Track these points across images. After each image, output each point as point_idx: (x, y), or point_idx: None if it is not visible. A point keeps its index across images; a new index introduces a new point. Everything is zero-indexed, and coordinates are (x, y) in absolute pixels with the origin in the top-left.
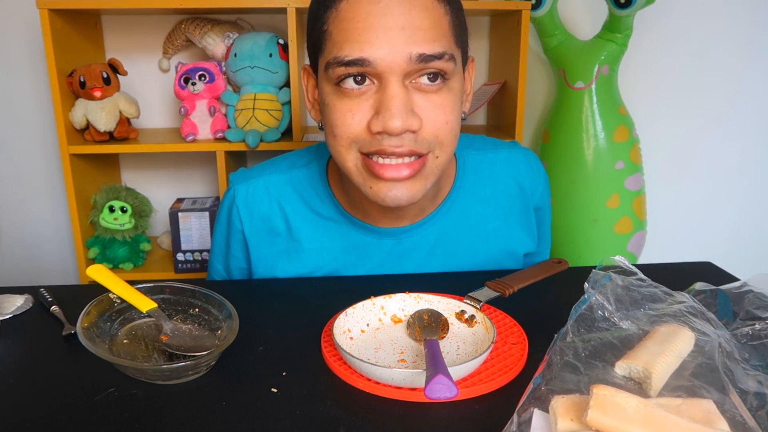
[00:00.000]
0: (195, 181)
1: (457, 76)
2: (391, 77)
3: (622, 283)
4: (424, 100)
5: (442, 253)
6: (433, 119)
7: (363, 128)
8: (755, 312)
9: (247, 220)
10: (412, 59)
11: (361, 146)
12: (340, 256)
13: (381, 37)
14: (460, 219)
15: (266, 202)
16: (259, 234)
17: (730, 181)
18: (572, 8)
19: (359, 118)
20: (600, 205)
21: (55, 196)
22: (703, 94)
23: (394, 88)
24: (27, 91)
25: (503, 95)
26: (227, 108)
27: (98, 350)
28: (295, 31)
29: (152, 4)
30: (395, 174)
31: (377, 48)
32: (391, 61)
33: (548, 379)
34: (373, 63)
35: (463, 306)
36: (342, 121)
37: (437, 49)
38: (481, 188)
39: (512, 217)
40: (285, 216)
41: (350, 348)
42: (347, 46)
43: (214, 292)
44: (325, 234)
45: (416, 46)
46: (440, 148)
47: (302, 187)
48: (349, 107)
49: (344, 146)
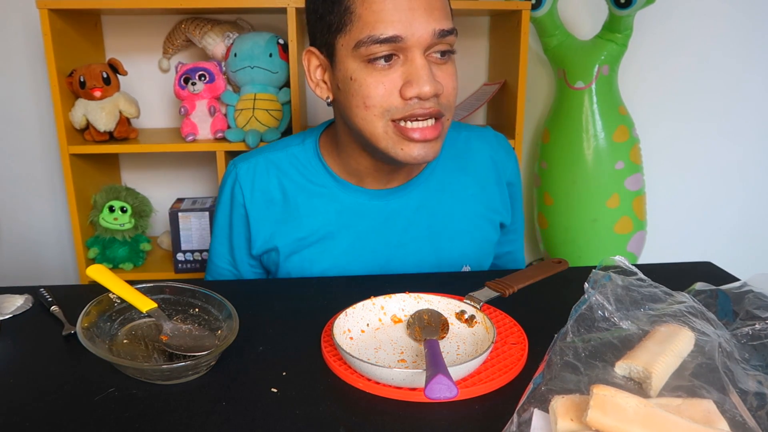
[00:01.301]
0: (195, 181)
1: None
2: (417, 51)
3: (622, 283)
4: (438, 69)
5: (425, 214)
6: (447, 86)
7: (396, 96)
8: (755, 312)
9: (249, 194)
10: (435, 34)
11: (393, 114)
12: (334, 219)
13: (410, 17)
14: (441, 184)
15: (266, 176)
16: (259, 206)
17: (730, 181)
18: (572, 8)
19: (390, 88)
20: (600, 205)
21: (55, 196)
22: (703, 94)
23: (420, 60)
24: (27, 91)
25: (503, 95)
26: (227, 108)
27: (98, 350)
28: (295, 31)
29: (152, 4)
30: (426, 135)
31: (407, 26)
32: (420, 36)
33: (548, 379)
34: (404, 39)
35: (463, 306)
36: (375, 92)
37: (449, 25)
38: (458, 159)
39: (488, 187)
40: (283, 187)
41: (350, 348)
42: (380, 26)
43: (214, 292)
44: (320, 200)
45: (437, 23)
46: (449, 111)
47: (297, 161)
48: (380, 80)
49: (377, 115)
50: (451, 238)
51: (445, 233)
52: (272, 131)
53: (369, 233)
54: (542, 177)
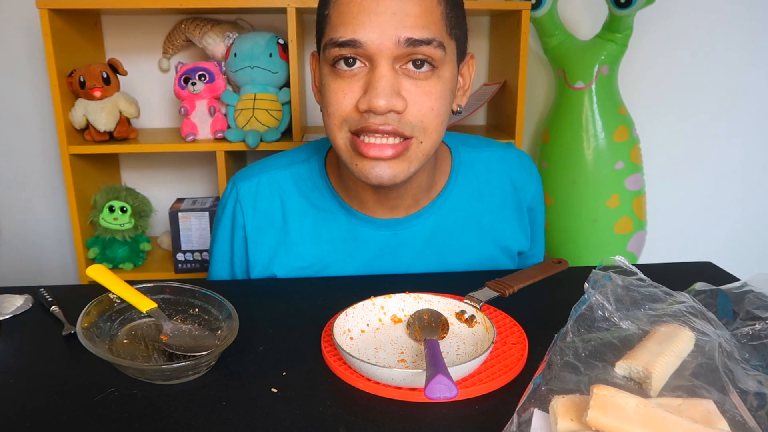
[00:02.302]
0: (195, 181)
1: (448, 66)
2: (381, 59)
3: (622, 283)
4: (412, 84)
5: (437, 245)
6: (418, 103)
7: (352, 107)
8: (755, 312)
9: (250, 215)
10: (400, 42)
11: (351, 125)
12: (339, 247)
13: (373, 21)
14: (455, 212)
15: (268, 197)
16: (260, 229)
17: (730, 181)
18: (572, 8)
19: (350, 98)
20: (600, 205)
21: (55, 196)
22: (703, 94)
23: (382, 70)
24: (27, 91)
25: (503, 95)
26: (227, 108)
27: (98, 350)
28: (295, 31)
29: (152, 4)
30: (378, 153)
31: (368, 31)
32: (380, 44)
33: (548, 379)
34: (363, 44)
35: (463, 306)
36: (335, 100)
37: (425, 35)
38: (475, 184)
39: (506, 213)
40: (286, 210)
41: (350, 348)
42: (341, 28)
43: (214, 292)
44: (324, 225)
45: (405, 31)
46: (424, 133)
47: (302, 182)
48: (341, 87)
49: (336, 125)
50: (462, 269)
51: (456, 264)
52: (272, 131)
53: (374, 265)
54: (542, 177)
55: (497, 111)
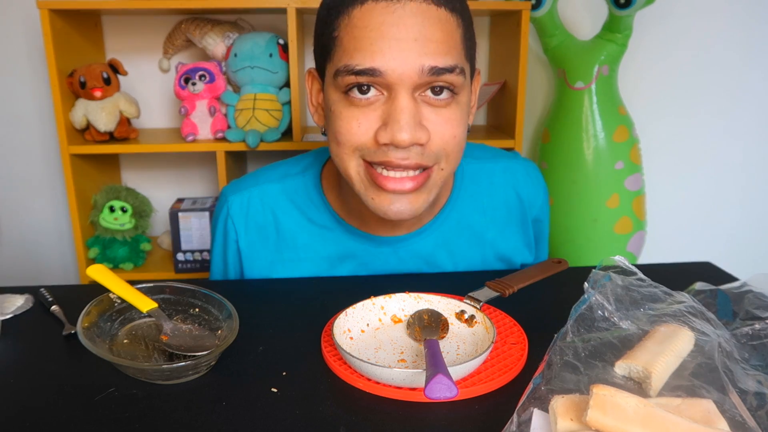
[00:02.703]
0: (195, 181)
1: (466, 90)
2: (401, 89)
3: (622, 283)
4: (433, 113)
5: (439, 262)
6: (441, 133)
7: (369, 138)
8: (755, 312)
9: (242, 231)
10: (423, 71)
11: (365, 155)
12: (337, 265)
13: (393, 47)
14: (457, 228)
15: (261, 212)
16: (254, 245)
17: (730, 181)
18: (572, 8)
19: (366, 128)
20: (600, 205)
21: (55, 196)
22: (702, 94)
23: (403, 101)
24: (27, 91)
25: (503, 95)
26: (227, 108)
27: (98, 350)
28: (295, 31)
29: (152, 4)
30: (399, 186)
31: (389, 59)
32: (402, 73)
33: (548, 379)
34: (384, 73)
35: (463, 306)
36: (347, 129)
37: (449, 62)
38: (479, 197)
39: (510, 228)
40: (280, 225)
41: (350, 348)
42: (358, 55)
43: (214, 292)
44: (321, 242)
45: (428, 59)
46: (446, 160)
47: (297, 196)
48: (355, 115)
49: (347, 154)
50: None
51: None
52: (272, 131)
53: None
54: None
55: (497, 111)
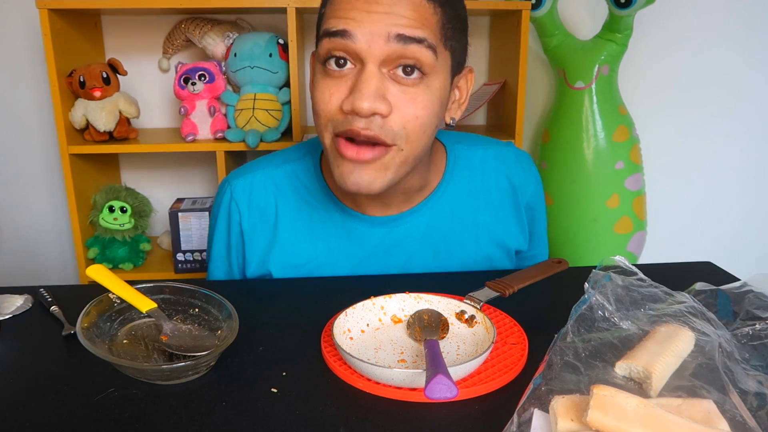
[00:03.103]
0: (195, 181)
1: (439, 77)
2: (369, 60)
3: (622, 283)
4: (399, 90)
5: (432, 243)
6: (403, 110)
7: (337, 108)
8: (755, 312)
9: (246, 213)
10: (390, 38)
11: (335, 126)
12: (333, 244)
13: (365, 17)
14: (450, 210)
15: (263, 195)
16: (255, 227)
17: (730, 181)
18: (572, 8)
19: (336, 98)
20: (600, 205)
21: (55, 196)
22: (703, 94)
23: (370, 71)
24: (27, 91)
25: (503, 95)
26: (227, 108)
27: (98, 350)
28: (295, 31)
29: (152, 4)
30: (357, 155)
31: (359, 23)
32: (370, 38)
33: (548, 379)
34: (353, 36)
35: (463, 306)
36: (321, 99)
37: (417, 33)
38: (471, 181)
39: (503, 212)
40: (279, 208)
41: (350, 348)
42: (333, 20)
43: (214, 292)
44: (318, 223)
45: (396, 27)
46: (406, 141)
47: (297, 179)
48: (329, 86)
49: (323, 125)
50: (459, 267)
51: (452, 262)
52: (272, 131)
53: (369, 262)
54: (542, 177)
55: (497, 111)
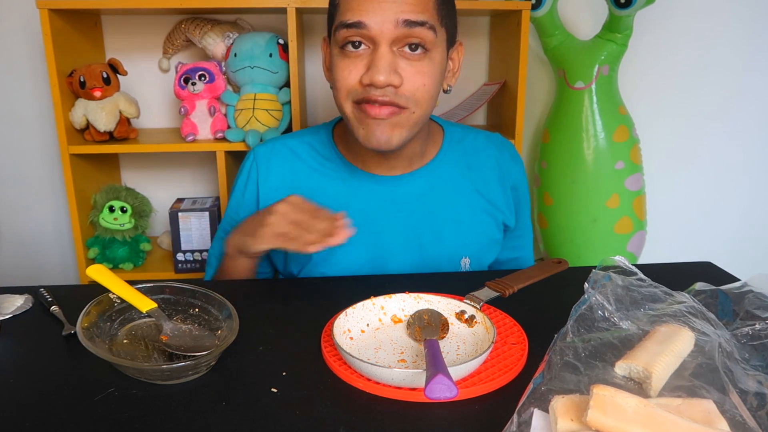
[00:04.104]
0: (195, 181)
1: (438, 50)
2: (381, 41)
3: (622, 283)
4: (408, 65)
5: (429, 203)
6: (412, 80)
7: (356, 82)
8: (755, 312)
9: (264, 172)
10: (398, 23)
11: (354, 96)
12: (342, 200)
13: (376, 7)
14: (445, 176)
15: (281, 159)
16: (272, 185)
17: (730, 181)
18: (572, 8)
19: (355, 74)
20: (600, 205)
21: (55, 196)
22: (703, 94)
23: (383, 50)
24: (27, 91)
25: (503, 95)
26: (227, 108)
27: (98, 350)
28: (295, 31)
29: (152, 4)
30: (379, 112)
31: (372, 14)
32: (381, 25)
33: (548, 379)
34: (368, 26)
35: (463, 306)
36: (342, 76)
37: (420, 18)
38: (464, 157)
39: (492, 186)
40: (296, 171)
41: (350, 348)
42: (349, 13)
43: (214, 292)
44: (330, 182)
45: (402, 14)
46: (416, 105)
47: (312, 149)
48: (347, 65)
49: (343, 96)
50: (452, 228)
51: (447, 222)
52: (272, 131)
53: (374, 217)
54: (542, 177)
55: (497, 111)
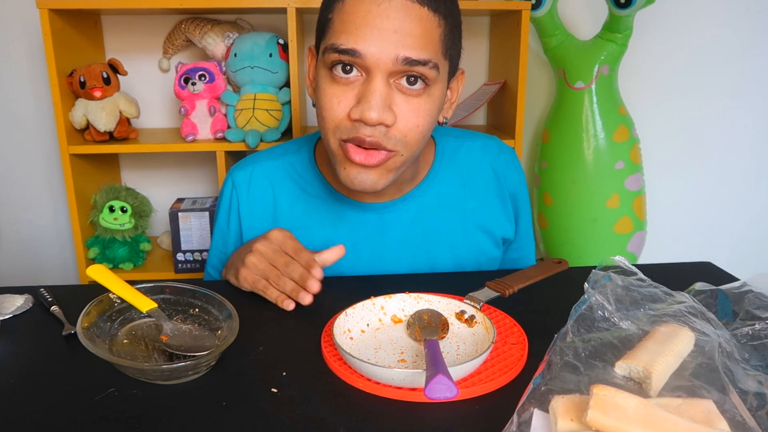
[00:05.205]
0: (195, 181)
1: (439, 85)
2: (377, 72)
3: (622, 283)
4: (404, 101)
5: (421, 228)
6: (406, 120)
7: (345, 115)
8: (755, 312)
9: (245, 200)
10: (398, 60)
11: (342, 133)
12: (329, 231)
13: (375, 35)
14: (438, 198)
15: (261, 185)
16: (254, 214)
17: (730, 181)
18: (572, 8)
19: (344, 105)
20: (600, 205)
21: (55, 196)
22: (703, 94)
23: (377, 83)
24: (27, 91)
25: (503, 95)
26: (227, 108)
27: (98, 350)
28: (295, 31)
29: (152, 4)
30: (365, 160)
31: (369, 44)
32: (378, 58)
33: (548, 379)
34: (363, 56)
35: (463, 306)
36: (329, 106)
37: (423, 56)
38: (458, 171)
39: (489, 199)
40: (277, 197)
41: (350, 348)
42: (344, 36)
43: (214, 292)
44: (314, 210)
45: (404, 50)
46: (405, 147)
47: (293, 171)
48: (336, 93)
49: (329, 129)
50: (447, 252)
51: (441, 246)
52: (272, 131)
53: (363, 247)
54: (542, 177)
55: (497, 111)
